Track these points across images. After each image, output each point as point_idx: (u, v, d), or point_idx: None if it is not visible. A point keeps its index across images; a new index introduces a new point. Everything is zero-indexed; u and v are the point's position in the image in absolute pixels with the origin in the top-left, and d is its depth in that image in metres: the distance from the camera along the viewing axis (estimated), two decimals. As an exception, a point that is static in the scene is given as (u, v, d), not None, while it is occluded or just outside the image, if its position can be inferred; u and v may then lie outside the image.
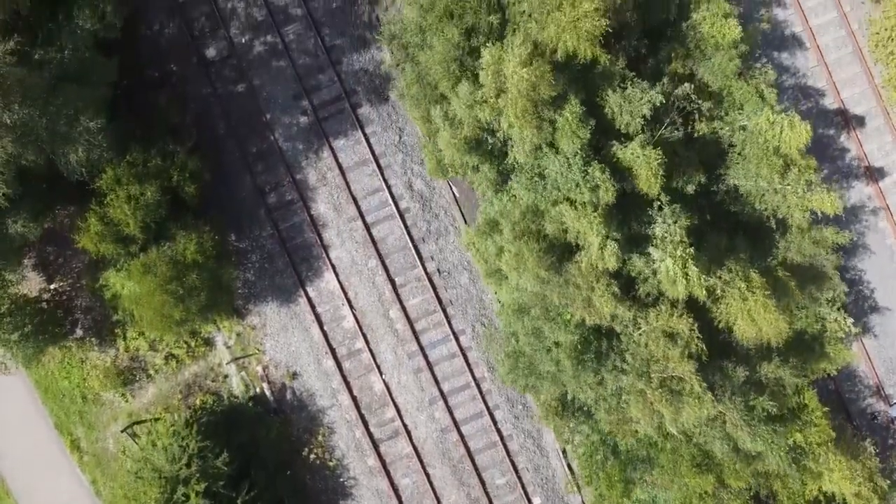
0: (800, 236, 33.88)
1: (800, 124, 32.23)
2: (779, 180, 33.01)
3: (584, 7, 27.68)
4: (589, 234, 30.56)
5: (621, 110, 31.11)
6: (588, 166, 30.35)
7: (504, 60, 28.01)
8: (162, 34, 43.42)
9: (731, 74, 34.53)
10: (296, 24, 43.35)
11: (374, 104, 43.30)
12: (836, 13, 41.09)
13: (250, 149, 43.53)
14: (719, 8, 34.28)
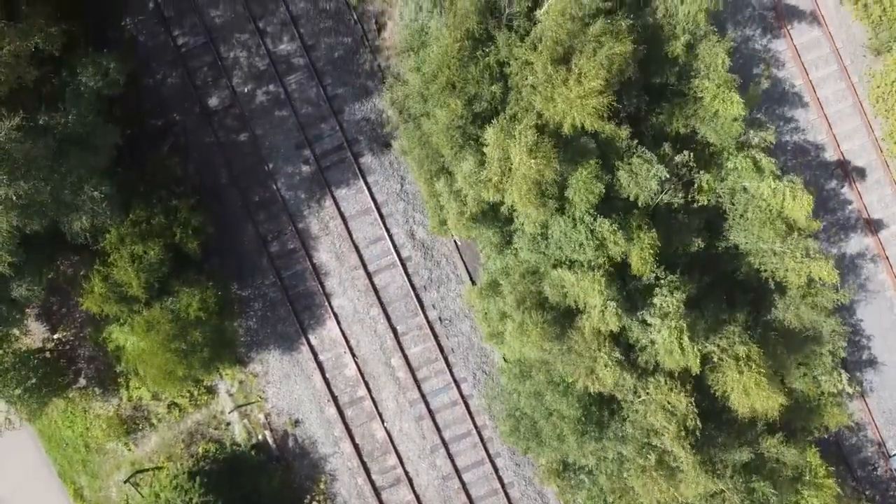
0: (798, 298, 34.06)
1: (802, 194, 32.41)
2: (780, 243, 33.17)
3: (592, 85, 27.84)
4: (590, 297, 30.77)
5: (629, 182, 31.28)
6: (595, 222, 30.55)
7: (510, 146, 28.19)
8: (164, 84, 43.61)
9: (734, 139, 34.64)
10: (298, 73, 43.52)
11: (376, 153, 43.48)
12: (837, 66, 41.23)
13: (253, 198, 43.72)
14: (720, 77, 34.34)
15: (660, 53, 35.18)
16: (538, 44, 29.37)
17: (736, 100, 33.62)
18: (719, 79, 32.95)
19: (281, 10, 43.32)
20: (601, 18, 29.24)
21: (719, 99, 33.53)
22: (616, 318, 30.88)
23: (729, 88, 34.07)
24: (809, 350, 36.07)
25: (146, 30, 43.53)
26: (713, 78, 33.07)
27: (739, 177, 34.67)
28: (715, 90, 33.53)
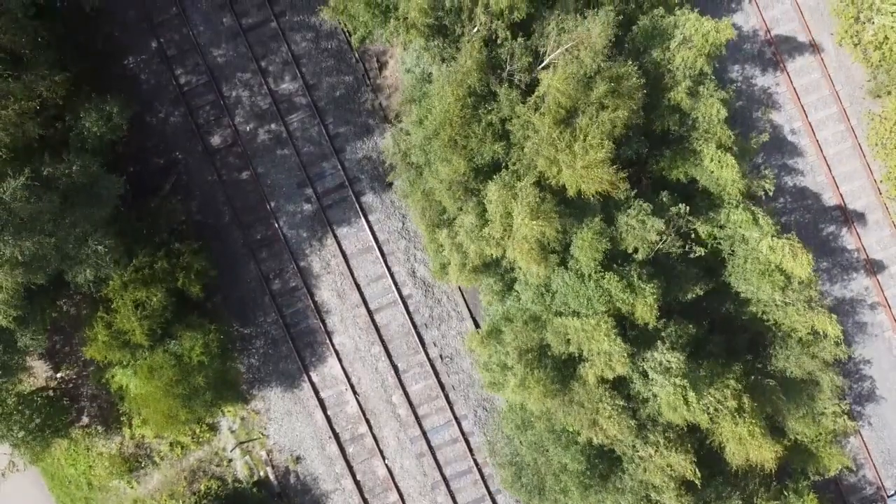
0: (798, 349, 34.28)
1: (802, 253, 32.60)
2: (780, 296, 33.38)
3: (597, 156, 28.06)
4: (597, 342, 30.87)
5: (627, 234, 31.48)
6: (603, 279, 30.75)
7: (511, 205, 28.39)
8: (167, 122, 43.83)
9: (734, 194, 34.83)
10: (300, 112, 43.73)
11: (378, 192, 43.69)
12: (836, 108, 41.43)
13: (254, 236, 43.95)
14: (717, 135, 34.50)
15: (661, 99, 35.38)
16: (540, 104, 29.59)
17: (731, 163, 33.76)
18: (716, 139, 33.14)
19: (283, 49, 43.52)
20: (604, 83, 29.40)
21: (716, 161, 33.70)
22: (623, 364, 31.03)
23: (725, 151, 34.18)
24: (809, 394, 36.27)
25: (149, 69, 43.73)
26: (711, 137, 33.23)
27: (739, 227, 34.84)
28: (712, 153, 33.69)
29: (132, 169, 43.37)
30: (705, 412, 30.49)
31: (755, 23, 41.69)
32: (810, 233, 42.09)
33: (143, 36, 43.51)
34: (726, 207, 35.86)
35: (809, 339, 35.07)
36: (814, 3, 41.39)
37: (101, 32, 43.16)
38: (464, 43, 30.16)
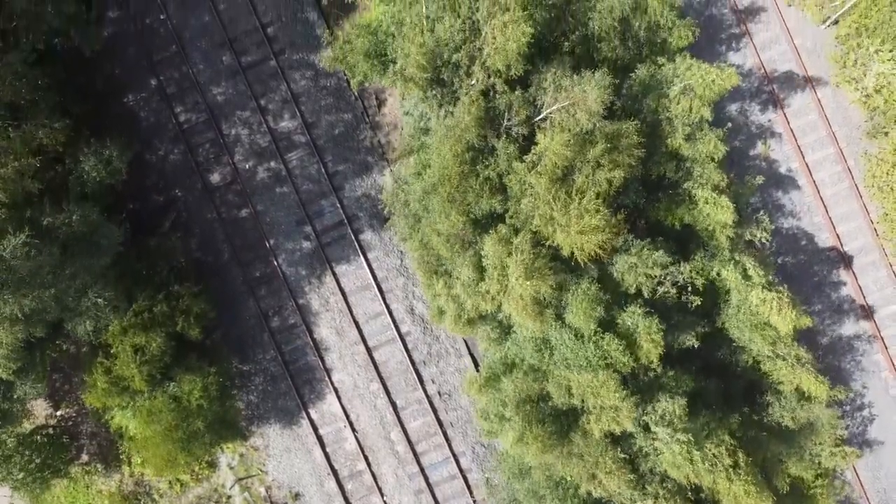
0: (794, 401, 34.46)
1: (788, 307, 32.79)
2: (770, 349, 33.59)
3: (591, 222, 28.24)
4: (602, 397, 30.99)
5: (628, 274, 31.68)
6: (602, 340, 30.95)
7: (507, 262, 28.56)
8: (166, 160, 44.00)
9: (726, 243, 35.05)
10: (299, 150, 43.91)
11: (376, 229, 43.85)
12: (833, 149, 41.59)
13: (254, 273, 44.12)
14: (713, 175, 34.72)
15: (658, 146, 35.56)
16: (537, 162, 29.74)
17: (726, 205, 33.95)
18: (711, 182, 33.38)
19: (282, 87, 43.69)
20: (601, 142, 29.58)
21: (711, 204, 33.89)
22: (630, 419, 31.20)
23: (720, 193, 34.40)
24: (806, 435, 36.40)
25: (148, 107, 43.92)
26: (706, 182, 33.45)
27: (732, 278, 35.06)
28: (707, 195, 33.90)
29: (132, 206, 43.58)
30: (709, 472, 30.63)
31: (752, 63, 41.84)
32: (806, 272, 42.28)
33: (143, 74, 43.70)
34: (719, 256, 36.07)
35: (802, 391, 35.21)
36: (811, 45, 41.54)
37: (101, 71, 43.35)
38: (462, 96, 30.32)
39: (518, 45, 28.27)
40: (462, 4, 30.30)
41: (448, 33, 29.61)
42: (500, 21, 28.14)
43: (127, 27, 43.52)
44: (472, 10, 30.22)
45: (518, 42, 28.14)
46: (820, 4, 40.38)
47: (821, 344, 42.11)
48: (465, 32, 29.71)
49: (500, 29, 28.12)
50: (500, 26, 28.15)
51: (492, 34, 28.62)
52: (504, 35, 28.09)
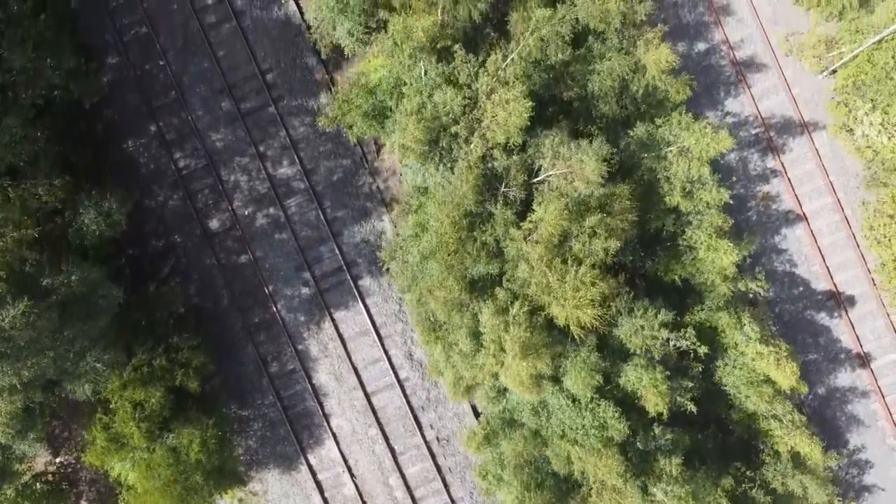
0: (790, 466, 34.54)
1: (787, 363, 32.87)
2: (767, 407, 33.68)
3: (588, 295, 28.35)
4: (604, 475, 31.16)
5: (635, 336, 31.83)
6: (598, 408, 31.09)
7: (504, 337, 28.68)
8: (165, 206, 44.10)
9: (723, 297, 35.18)
10: (298, 196, 44.01)
11: (375, 275, 43.95)
12: (830, 199, 41.69)
13: (253, 319, 44.21)
14: (715, 218, 34.87)
15: (657, 202, 35.68)
16: (533, 230, 29.83)
17: (728, 248, 34.09)
18: (712, 225, 33.59)
19: (281, 134, 43.80)
20: (596, 213, 29.70)
21: (713, 248, 34.04)
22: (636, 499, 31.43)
23: (721, 236, 34.57)
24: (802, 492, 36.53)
25: (148, 153, 44.03)
26: (707, 226, 33.65)
27: (727, 330, 35.21)
28: (708, 239, 34.06)
29: (131, 252, 43.69)
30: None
31: (750, 112, 41.95)
32: (804, 320, 42.38)
33: (143, 120, 43.81)
34: (716, 310, 36.22)
35: (798, 455, 35.30)
36: (808, 95, 41.65)
37: (101, 118, 43.44)
38: (459, 160, 30.37)
39: (520, 121, 28.44)
40: (461, 72, 30.41)
41: (447, 106, 29.72)
42: (501, 97, 28.24)
43: (126, 73, 43.62)
44: (471, 77, 30.32)
45: (520, 118, 28.31)
46: (818, 55, 40.50)
47: (818, 393, 42.21)
48: (463, 103, 29.79)
49: (502, 105, 28.24)
50: (501, 102, 28.28)
51: (492, 109, 28.75)
52: (505, 111, 28.21)
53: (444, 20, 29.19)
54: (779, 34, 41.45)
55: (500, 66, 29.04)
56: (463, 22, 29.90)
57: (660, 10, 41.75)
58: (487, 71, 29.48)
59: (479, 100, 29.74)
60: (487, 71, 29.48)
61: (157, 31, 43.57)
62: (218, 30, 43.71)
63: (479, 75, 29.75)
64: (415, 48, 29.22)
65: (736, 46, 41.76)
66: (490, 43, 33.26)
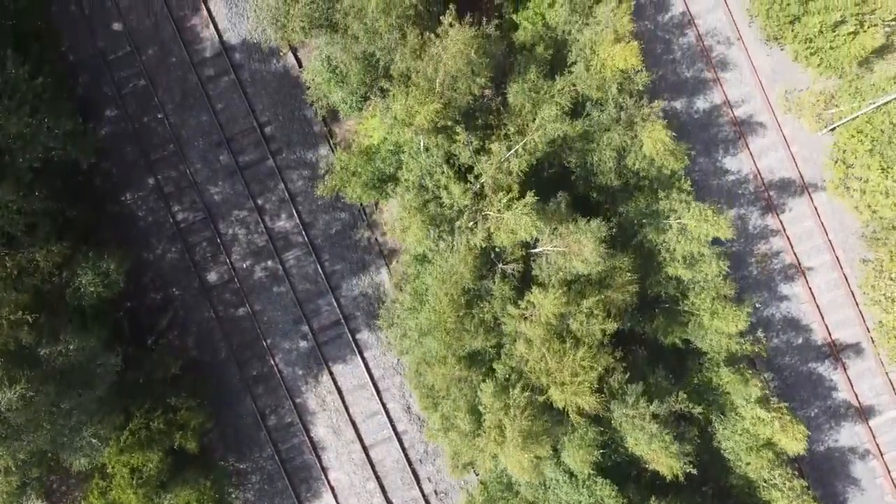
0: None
1: (793, 427, 32.82)
2: (767, 475, 33.63)
3: (586, 379, 28.35)
4: None
5: (627, 426, 31.82)
6: (595, 485, 31.07)
7: (504, 421, 28.67)
8: (164, 259, 44.07)
9: (724, 356, 35.17)
10: (296, 249, 43.98)
11: (373, 328, 43.91)
12: (829, 256, 41.60)
13: (251, 372, 44.20)
14: (720, 287, 34.87)
15: (657, 271, 35.62)
16: (530, 310, 29.77)
17: (734, 314, 34.08)
18: (715, 292, 33.61)
19: (279, 187, 43.76)
20: (594, 294, 29.66)
21: (719, 317, 34.01)
22: None
23: (724, 303, 34.55)
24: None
25: (146, 206, 43.99)
26: (708, 294, 33.66)
27: (728, 391, 35.18)
28: (711, 306, 34.05)
29: (129, 305, 43.70)
30: None
31: (749, 169, 41.88)
32: (802, 377, 42.32)
33: (141, 173, 43.79)
34: (718, 369, 36.19)
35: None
36: (807, 153, 41.57)
37: (99, 171, 43.41)
38: (459, 243, 30.31)
39: (526, 235, 28.60)
40: (462, 153, 30.35)
41: (452, 200, 29.81)
42: (505, 201, 28.22)
43: (125, 126, 43.59)
44: (473, 157, 30.20)
45: (527, 232, 28.51)
46: (817, 114, 40.41)
47: (816, 449, 42.15)
48: (467, 200, 29.74)
49: (505, 205, 28.22)
50: (505, 204, 28.27)
51: (497, 214, 28.73)
52: (512, 219, 28.22)
53: (444, 99, 29.12)
54: (778, 91, 41.36)
55: (503, 156, 29.05)
56: (462, 95, 29.84)
57: (657, 67, 41.75)
58: (491, 160, 29.41)
59: (484, 192, 29.74)
60: (491, 160, 29.41)
61: (156, 84, 43.53)
62: (216, 83, 43.67)
63: (482, 163, 29.74)
64: (416, 129, 29.21)
65: (735, 103, 41.68)
66: (490, 112, 33.23)
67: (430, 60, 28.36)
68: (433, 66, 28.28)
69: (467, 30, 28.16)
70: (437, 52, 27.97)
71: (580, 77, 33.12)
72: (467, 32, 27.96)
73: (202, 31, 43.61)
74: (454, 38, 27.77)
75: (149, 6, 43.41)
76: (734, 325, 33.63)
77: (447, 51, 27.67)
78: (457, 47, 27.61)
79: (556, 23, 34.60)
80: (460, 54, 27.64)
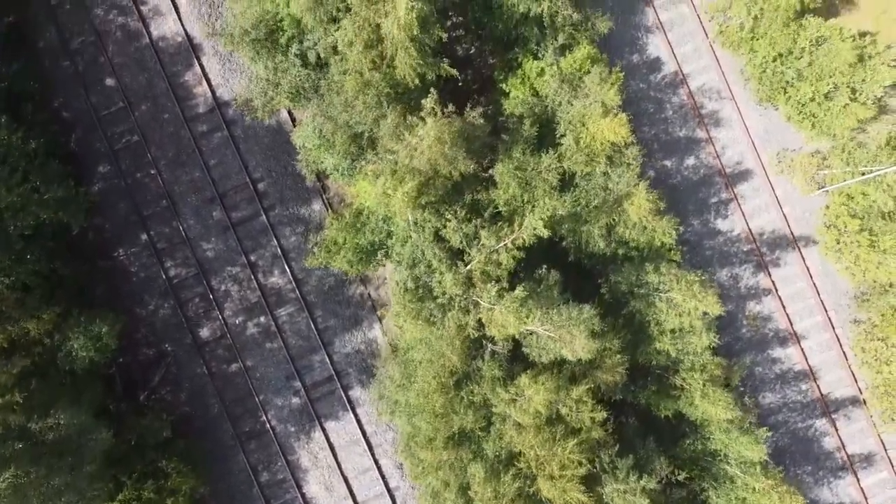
0: None
1: (791, 498, 32.81)
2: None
3: (575, 473, 28.39)
4: None
5: (618, 499, 31.86)
6: None
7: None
8: (156, 315, 44.05)
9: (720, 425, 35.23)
10: (288, 305, 43.97)
11: (365, 384, 43.90)
12: (821, 317, 41.61)
13: (243, 428, 44.18)
14: (710, 366, 34.88)
15: (647, 342, 35.60)
16: (520, 394, 29.70)
17: (724, 400, 34.03)
18: (704, 370, 33.61)
19: (272, 243, 43.76)
20: (582, 384, 29.69)
21: (708, 399, 33.98)
22: None
23: (715, 385, 34.51)
24: None
25: (139, 261, 43.98)
26: (698, 372, 33.66)
27: (725, 460, 35.20)
28: (703, 388, 34.02)
29: (121, 360, 43.69)
30: None
31: (741, 229, 41.89)
32: (794, 437, 42.31)
33: (134, 229, 43.79)
34: (712, 436, 36.16)
35: None
36: (799, 213, 41.57)
37: (92, 227, 43.39)
38: (448, 323, 30.27)
39: (515, 331, 28.56)
40: (452, 237, 30.28)
41: (441, 289, 29.82)
42: (502, 308, 28.17)
43: (117, 182, 43.60)
44: (463, 242, 30.17)
45: (515, 329, 28.46)
46: (810, 175, 40.36)
47: None
48: (458, 290, 29.71)
49: (503, 314, 28.17)
50: (499, 310, 28.26)
51: (488, 309, 28.70)
52: (503, 316, 28.15)
53: (424, 177, 29.09)
54: (770, 152, 41.37)
55: (492, 246, 29.02)
56: (443, 179, 29.86)
57: (650, 126, 41.80)
58: (481, 250, 29.36)
59: (474, 281, 29.72)
60: (481, 250, 29.36)
61: (149, 140, 43.54)
62: (209, 138, 43.68)
63: (473, 247, 29.69)
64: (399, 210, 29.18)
65: (727, 163, 41.71)
66: (477, 187, 33.23)
67: (407, 146, 28.32)
68: (410, 153, 28.25)
69: (444, 124, 27.94)
70: (415, 142, 27.93)
71: (569, 149, 33.11)
72: (445, 126, 27.77)
73: (195, 87, 43.62)
74: (430, 131, 27.62)
75: (142, 62, 43.42)
76: (724, 412, 33.56)
77: (423, 141, 27.59)
78: (434, 138, 27.47)
79: (545, 92, 34.62)
80: (437, 144, 27.52)
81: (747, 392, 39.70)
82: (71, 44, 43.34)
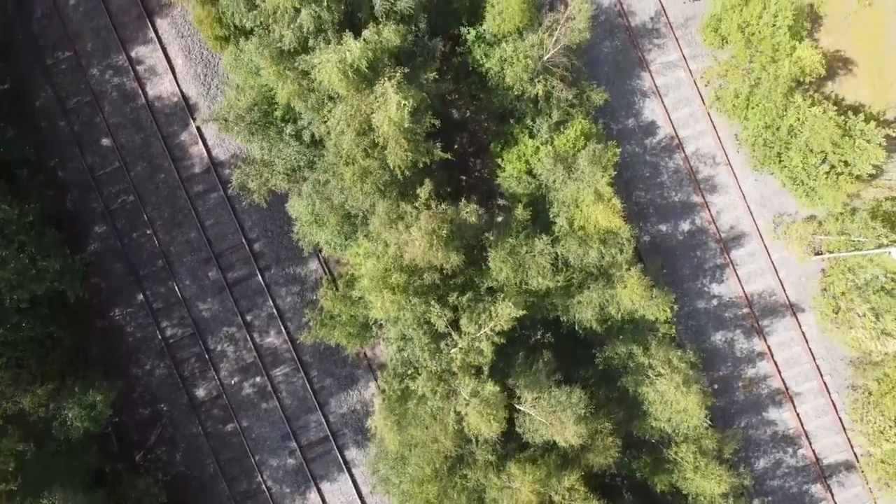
0: None
1: None
2: None
3: None
4: None
5: None
6: None
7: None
8: (152, 374, 44.11)
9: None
10: (284, 366, 44.01)
11: (361, 444, 43.94)
12: (817, 382, 41.56)
13: (239, 488, 44.23)
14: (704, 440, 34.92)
15: (640, 415, 35.60)
16: (514, 478, 29.73)
17: (718, 475, 34.01)
18: (697, 444, 33.71)
19: (268, 303, 43.79)
20: (573, 473, 29.70)
21: (703, 476, 33.96)
22: None
23: (709, 460, 34.51)
24: None
25: (134, 321, 44.03)
26: (691, 444, 33.74)
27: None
28: (697, 462, 34.01)
29: (117, 419, 43.74)
30: None
31: (737, 294, 41.83)
32: (789, 502, 42.29)
33: (129, 289, 43.83)
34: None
35: None
36: (795, 278, 41.50)
37: (87, 286, 43.40)
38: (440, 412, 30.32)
39: (496, 428, 28.61)
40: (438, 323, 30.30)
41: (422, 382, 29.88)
42: (477, 404, 28.20)
43: (113, 242, 43.65)
44: (448, 329, 30.22)
45: (492, 430, 28.55)
46: (806, 242, 40.23)
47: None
48: (437, 384, 29.77)
49: (478, 411, 28.20)
50: (475, 405, 28.29)
51: (466, 399, 28.74)
52: (479, 414, 28.17)
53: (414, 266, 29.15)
54: (766, 217, 41.30)
55: (472, 335, 29.03)
56: (432, 270, 29.93)
57: (645, 191, 41.76)
58: (462, 338, 29.38)
59: (454, 370, 29.74)
60: (462, 338, 29.38)
61: (144, 201, 43.58)
62: (205, 199, 43.71)
63: (455, 336, 29.71)
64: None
65: (722, 228, 41.65)
66: (467, 276, 33.26)
67: (399, 239, 28.35)
68: (400, 244, 28.28)
69: (438, 219, 27.94)
70: (405, 237, 27.96)
71: (562, 230, 33.09)
72: (438, 221, 27.76)
73: (191, 147, 43.66)
74: (424, 225, 27.62)
75: (138, 123, 43.45)
76: (717, 486, 33.55)
77: (416, 241, 27.61)
78: (427, 232, 27.47)
79: (539, 170, 34.58)
80: (430, 238, 27.53)
81: (742, 462, 39.55)
82: (67, 104, 43.38)
